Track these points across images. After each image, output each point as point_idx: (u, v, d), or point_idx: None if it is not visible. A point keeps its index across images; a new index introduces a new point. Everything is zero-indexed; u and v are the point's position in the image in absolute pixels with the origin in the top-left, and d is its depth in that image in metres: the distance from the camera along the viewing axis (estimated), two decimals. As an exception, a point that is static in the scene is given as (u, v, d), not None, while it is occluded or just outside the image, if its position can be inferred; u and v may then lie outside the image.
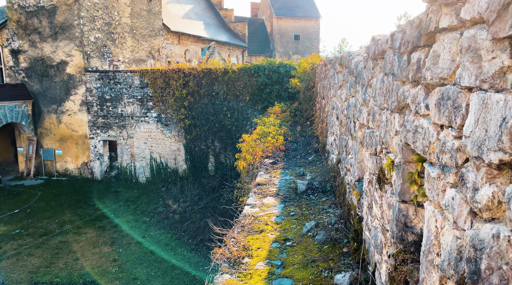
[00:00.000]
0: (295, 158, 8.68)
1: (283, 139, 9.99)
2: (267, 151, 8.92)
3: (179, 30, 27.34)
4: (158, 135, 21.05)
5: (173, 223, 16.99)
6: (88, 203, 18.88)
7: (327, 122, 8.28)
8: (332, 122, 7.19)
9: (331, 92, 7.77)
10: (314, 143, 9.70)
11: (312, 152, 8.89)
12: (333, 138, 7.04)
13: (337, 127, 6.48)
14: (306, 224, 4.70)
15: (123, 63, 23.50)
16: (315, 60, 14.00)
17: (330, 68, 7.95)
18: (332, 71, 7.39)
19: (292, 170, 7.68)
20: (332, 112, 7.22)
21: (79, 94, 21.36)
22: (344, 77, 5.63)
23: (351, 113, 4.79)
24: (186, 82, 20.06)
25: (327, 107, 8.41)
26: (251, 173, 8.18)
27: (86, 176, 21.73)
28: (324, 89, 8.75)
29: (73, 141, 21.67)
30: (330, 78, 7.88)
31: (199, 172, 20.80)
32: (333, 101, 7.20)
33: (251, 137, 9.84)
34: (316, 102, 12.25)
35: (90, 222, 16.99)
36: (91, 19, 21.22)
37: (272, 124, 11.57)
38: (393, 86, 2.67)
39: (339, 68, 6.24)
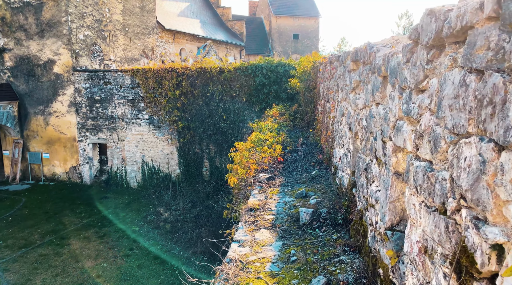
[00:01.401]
0: (295, 172, 7.28)
1: (282, 149, 8.58)
2: (262, 163, 7.53)
3: (174, 28, 25.90)
4: (150, 138, 19.64)
5: (164, 233, 15.60)
6: (75, 210, 17.46)
7: (333, 130, 6.88)
8: (341, 132, 5.79)
9: (338, 95, 6.37)
10: (317, 152, 8.30)
11: (315, 164, 7.49)
12: (343, 152, 5.64)
13: (348, 140, 5.08)
14: (313, 281, 3.31)
15: (114, 62, 22.06)
16: (317, 58, 12.60)
17: (337, 66, 6.55)
18: (341, 69, 5.99)
19: (292, 189, 6.28)
20: (341, 120, 5.82)
21: (67, 94, 19.93)
22: (361, 77, 4.23)
23: (375, 127, 3.39)
24: (179, 82, 18.65)
25: (333, 112, 7.01)
26: (244, 190, 6.78)
27: (75, 181, 20.32)
28: (330, 91, 7.35)
29: (61, 144, 20.25)
30: (337, 79, 6.48)
31: (193, 176, 19.40)
32: (342, 106, 5.80)
33: (245, 145, 8.44)
34: (318, 104, 10.85)
35: (75, 232, 15.57)
36: (80, 15, 19.78)
37: (269, 129, 10.16)
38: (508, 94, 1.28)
39: (352, 65, 4.84)
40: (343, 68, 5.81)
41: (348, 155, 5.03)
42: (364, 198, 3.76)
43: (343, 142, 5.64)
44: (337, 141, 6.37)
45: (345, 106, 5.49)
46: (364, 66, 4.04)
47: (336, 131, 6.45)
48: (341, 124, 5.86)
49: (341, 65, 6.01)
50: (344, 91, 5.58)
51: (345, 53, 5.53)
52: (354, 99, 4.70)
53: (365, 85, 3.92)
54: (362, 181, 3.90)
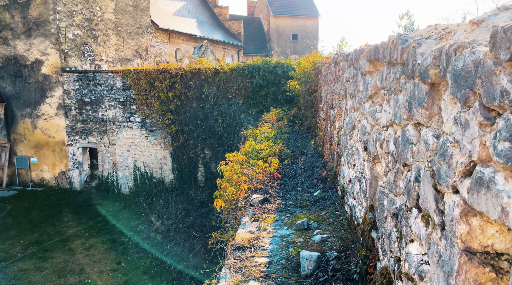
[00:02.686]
0: (294, 191, 6.11)
1: (279, 161, 7.41)
2: (256, 180, 6.35)
3: (169, 27, 24.69)
4: (142, 142, 18.44)
5: (155, 244, 14.41)
6: (62, 219, 16.27)
7: (339, 143, 5.71)
8: (351, 148, 4.61)
9: (346, 102, 5.19)
10: (319, 166, 7.12)
11: (318, 182, 6.31)
12: (353, 174, 4.47)
13: (363, 162, 3.91)
14: None
15: (106, 63, 20.86)
16: (318, 58, 11.42)
17: (345, 68, 5.37)
18: (351, 71, 4.82)
19: (290, 215, 5.10)
20: (351, 134, 4.65)
21: (56, 96, 18.72)
22: (384, 82, 3.05)
23: (416, 159, 2.21)
24: (173, 84, 17.45)
25: (339, 122, 5.83)
26: (233, 215, 5.61)
27: (64, 186, 19.12)
28: (335, 97, 6.17)
29: (50, 148, 19.05)
30: (345, 82, 5.30)
31: (188, 182, 18.21)
32: (352, 117, 4.62)
33: (237, 157, 7.26)
34: (319, 109, 9.67)
35: (60, 243, 14.38)
36: (69, 14, 18.57)
37: (265, 137, 8.99)
38: None
39: (368, 66, 3.67)
40: (353, 70, 4.63)
41: (363, 181, 3.85)
42: (394, 256, 2.59)
43: (354, 161, 4.46)
44: (344, 157, 5.20)
45: (357, 118, 4.31)
46: (391, 67, 2.86)
47: (344, 145, 5.27)
48: (351, 139, 4.68)
49: (351, 66, 4.83)
50: (355, 98, 4.41)
51: (357, 51, 4.36)
52: (372, 111, 3.52)
53: (393, 94, 2.75)
54: (389, 229, 2.72)
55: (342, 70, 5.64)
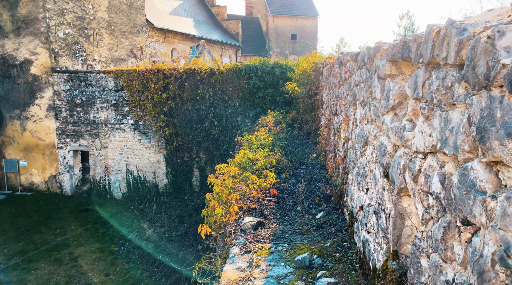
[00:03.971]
0: (293, 211, 5.21)
1: (276, 174, 6.52)
2: (249, 197, 5.46)
3: (164, 27, 23.75)
4: (136, 145, 17.53)
5: (146, 254, 13.50)
6: (50, 226, 15.36)
7: (346, 157, 4.82)
8: (364, 169, 3.72)
9: (356, 110, 4.30)
10: (322, 181, 6.22)
11: (320, 201, 5.41)
12: (366, 201, 3.58)
13: (381, 190, 3.02)
14: None
15: (99, 63, 19.93)
16: (318, 58, 10.53)
17: (353, 70, 4.48)
18: (362, 74, 3.93)
19: (289, 245, 4.21)
20: (364, 151, 3.75)
21: (46, 97, 17.80)
22: (418, 91, 2.15)
23: (498, 223, 1.32)
24: (166, 85, 16.54)
25: (345, 132, 4.94)
26: (221, 241, 4.72)
27: (55, 191, 18.20)
28: (341, 104, 5.27)
29: (40, 151, 18.12)
30: (353, 87, 4.42)
31: (182, 187, 17.31)
32: (364, 130, 3.73)
33: (229, 169, 6.37)
34: (320, 114, 8.78)
35: (46, 253, 13.48)
36: (59, 12, 17.64)
37: (261, 145, 8.09)
38: None
39: (390, 68, 2.78)
40: (365, 73, 3.73)
41: (382, 216, 2.95)
42: None
43: (367, 185, 3.57)
44: (353, 176, 4.30)
45: (372, 132, 3.41)
46: (432, 69, 1.97)
47: (352, 161, 4.38)
48: (363, 157, 3.79)
49: (362, 67, 3.93)
50: (369, 107, 3.51)
51: (370, 49, 3.46)
52: (396, 127, 2.62)
53: (439, 110, 1.85)
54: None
55: (349, 72, 4.74)
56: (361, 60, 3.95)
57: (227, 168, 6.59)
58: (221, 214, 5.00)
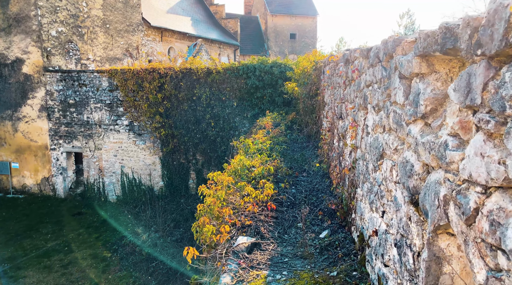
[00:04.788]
0: (293, 228, 4.56)
1: (275, 182, 5.88)
2: (243, 212, 4.81)
3: (161, 25, 23.05)
4: (130, 147, 16.87)
5: (140, 261, 12.86)
6: (41, 231, 14.70)
7: (354, 168, 4.17)
8: (380, 188, 3.07)
9: (367, 115, 3.66)
10: (324, 191, 5.57)
11: (324, 217, 4.76)
12: (382, 227, 2.93)
13: (405, 219, 2.36)
14: None
15: (94, 62, 19.25)
16: (319, 57, 9.88)
17: (363, 68, 3.83)
18: (375, 73, 3.27)
19: (288, 275, 3.56)
20: (379, 165, 3.09)
21: (38, 98, 17.12)
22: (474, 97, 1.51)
23: None
24: (162, 85, 15.88)
25: (353, 139, 4.28)
26: (211, 267, 4.07)
27: (47, 193, 17.53)
28: (348, 107, 4.62)
29: (32, 153, 17.45)
30: (364, 88, 3.77)
31: (178, 190, 16.65)
32: (380, 140, 3.07)
33: (222, 178, 5.72)
34: (322, 116, 8.13)
35: (36, 260, 12.82)
36: (52, 9, 16.96)
37: (259, 150, 7.43)
38: None
39: (418, 66, 2.13)
40: (381, 71, 3.08)
41: (407, 253, 2.30)
42: None
43: (384, 207, 2.92)
44: (363, 191, 3.65)
45: (391, 144, 2.76)
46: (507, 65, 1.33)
47: (363, 174, 3.73)
48: (377, 172, 3.14)
49: (376, 65, 3.28)
50: (386, 113, 2.86)
51: (388, 43, 2.80)
52: (430, 143, 1.97)
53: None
54: None
55: (358, 71, 4.08)
56: (374, 57, 3.29)
57: (220, 176, 5.94)
58: (211, 232, 4.35)
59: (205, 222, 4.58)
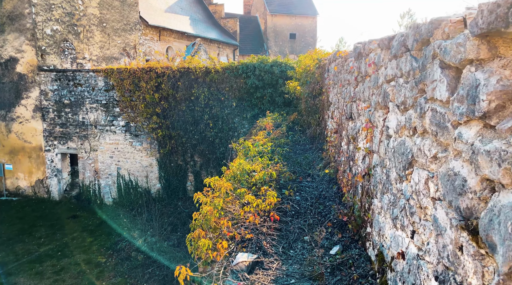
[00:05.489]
0: (300, 243, 4.03)
1: (278, 189, 5.34)
2: (243, 223, 4.27)
3: (159, 24, 22.51)
4: (127, 148, 16.32)
5: (135, 266, 12.31)
6: (34, 235, 14.14)
7: (369, 176, 3.64)
8: (409, 202, 2.53)
9: (387, 115, 3.12)
10: (333, 199, 5.04)
11: (334, 229, 4.22)
12: (412, 250, 2.39)
13: (448, 243, 1.83)
14: None
15: (90, 61, 18.70)
16: (323, 55, 9.35)
17: (382, 61, 3.30)
18: (400, 65, 2.74)
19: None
20: (407, 175, 2.55)
21: (32, 97, 16.56)
22: None
23: None
24: (159, 84, 15.34)
25: (368, 142, 3.75)
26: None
27: (42, 196, 16.96)
28: (362, 106, 4.08)
29: (26, 154, 16.88)
30: (384, 84, 3.24)
31: (176, 192, 16.11)
32: (407, 145, 2.54)
33: (220, 183, 5.18)
34: (326, 116, 7.60)
35: (27, 265, 12.26)
36: (46, 7, 16.40)
37: (259, 152, 6.90)
38: None
39: (475, 50, 1.61)
40: (411, 62, 2.54)
41: None
42: None
43: (415, 227, 2.38)
44: (383, 205, 3.12)
45: (427, 150, 2.22)
46: None
47: (382, 183, 3.19)
48: (404, 182, 2.60)
49: (401, 55, 2.75)
50: (420, 113, 2.32)
51: (426, 24, 2.26)
52: (499, 152, 1.44)
53: None
54: None
55: (375, 65, 3.55)
56: (399, 46, 2.76)
57: (218, 181, 5.40)
58: (207, 247, 3.82)
59: (201, 234, 4.04)
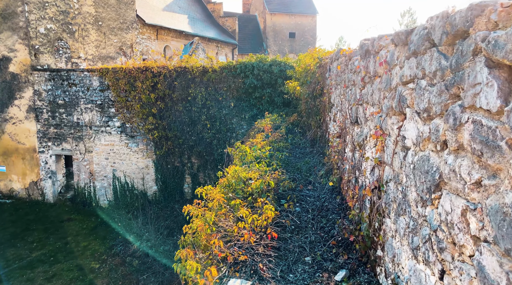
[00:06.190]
0: (300, 264, 3.54)
1: (276, 199, 4.85)
2: (237, 241, 3.79)
3: (156, 23, 21.98)
4: (122, 150, 15.82)
5: (130, 272, 11.83)
6: (26, 239, 13.66)
7: (380, 192, 3.16)
8: (433, 233, 2.04)
9: (403, 123, 2.63)
10: (336, 211, 4.55)
11: (339, 249, 3.72)
12: None
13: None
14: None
15: (85, 60, 18.19)
16: (324, 53, 8.85)
17: (399, 59, 2.80)
18: (425, 64, 2.25)
19: None
20: (433, 199, 2.06)
21: (26, 98, 16.06)
22: None
23: None
24: (155, 84, 14.84)
25: (379, 152, 3.26)
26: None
27: (36, 198, 16.47)
28: (371, 111, 3.59)
29: (19, 155, 16.38)
30: (398, 86, 2.74)
31: (173, 195, 15.62)
32: (432, 163, 2.04)
33: (213, 194, 4.70)
34: (328, 118, 7.11)
35: (18, 272, 11.78)
36: (40, 5, 15.88)
37: (257, 158, 6.41)
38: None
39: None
40: (438, 60, 2.05)
41: None
42: None
43: (446, 267, 1.90)
44: (399, 228, 2.63)
45: (465, 173, 1.73)
46: None
47: (397, 202, 2.71)
48: (429, 208, 2.11)
49: (425, 53, 2.25)
50: (454, 125, 1.82)
51: (464, 11, 1.78)
52: None
53: None
54: None
55: (387, 64, 3.05)
56: (421, 41, 2.26)
57: (211, 191, 4.93)
58: (195, 271, 3.33)
59: (189, 255, 3.56)
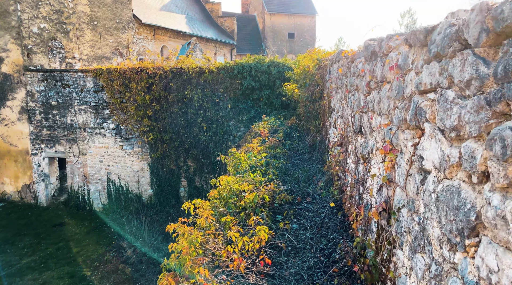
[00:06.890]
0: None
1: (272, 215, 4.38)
2: (226, 267, 3.32)
3: (153, 23, 21.49)
4: (117, 152, 15.35)
5: (122, 280, 11.35)
6: (17, 244, 13.17)
7: (389, 217, 2.69)
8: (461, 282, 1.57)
9: (420, 140, 2.16)
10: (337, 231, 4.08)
11: (341, 279, 3.26)
12: None
13: None
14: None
15: (80, 61, 17.71)
16: (323, 55, 8.38)
17: (414, 64, 2.33)
18: (452, 68, 1.77)
19: None
20: (467, 246, 1.60)
21: (18, 99, 15.58)
22: None
23: None
24: (150, 85, 14.36)
25: (388, 171, 2.79)
26: None
27: (29, 202, 15.99)
28: (379, 123, 3.11)
29: (12, 158, 15.90)
30: (413, 96, 2.27)
31: (168, 198, 15.15)
32: (463, 195, 1.57)
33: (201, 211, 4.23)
34: (328, 124, 6.64)
35: (7, 279, 11.29)
36: (33, 4, 15.40)
37: (252, 166, 5.94)
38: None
39: None
40: (473, 67, 1.58)
41: None
42: None
43: None
44: (415, 266, 2.17)
45: None
46: None
47: (413, 235, 2.24)
48: (464, 257, 1.65)
49: (453, 56, 1.78)
50: (502, 152, 1.37)
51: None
52: None
53: None
54: None
55: (399, 69, 2.58)
56: (446, 41, 1.79)
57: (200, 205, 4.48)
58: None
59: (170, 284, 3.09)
